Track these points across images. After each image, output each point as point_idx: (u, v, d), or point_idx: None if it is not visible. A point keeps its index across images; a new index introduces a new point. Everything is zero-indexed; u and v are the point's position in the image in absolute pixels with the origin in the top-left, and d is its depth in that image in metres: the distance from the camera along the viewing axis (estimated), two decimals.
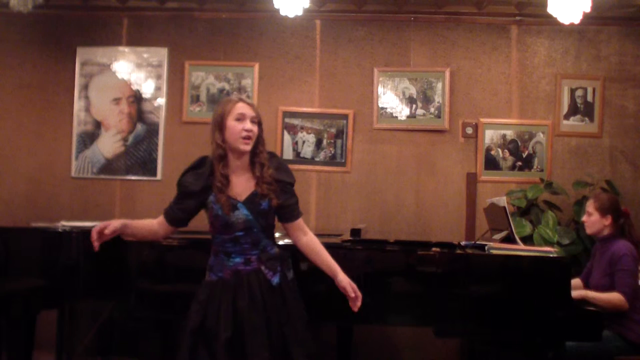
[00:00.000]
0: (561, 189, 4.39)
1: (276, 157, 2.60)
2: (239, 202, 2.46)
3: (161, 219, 2.59)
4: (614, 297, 3.25)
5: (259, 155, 2.51)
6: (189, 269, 2.58)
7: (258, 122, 2.51)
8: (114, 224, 2.45)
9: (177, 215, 2.56)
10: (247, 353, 2.38)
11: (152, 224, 2.60)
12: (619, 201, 3.56)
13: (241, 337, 2.39)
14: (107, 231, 2.44)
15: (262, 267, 2.49)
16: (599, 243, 3.56)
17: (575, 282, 3.59)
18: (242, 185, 2.50)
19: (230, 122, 2.47)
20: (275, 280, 2.49)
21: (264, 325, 2.41)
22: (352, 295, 2.49)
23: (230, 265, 2.48)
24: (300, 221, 2.60)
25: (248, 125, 2.46)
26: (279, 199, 2.49)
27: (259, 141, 2.52)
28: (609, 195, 3.83)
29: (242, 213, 2.45)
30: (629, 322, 3.30)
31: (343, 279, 2.51)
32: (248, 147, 2.47)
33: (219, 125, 2.49)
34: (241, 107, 2.48)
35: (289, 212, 2.56)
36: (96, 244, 2.42)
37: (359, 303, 2.51)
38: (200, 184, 2.50)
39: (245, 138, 2.45)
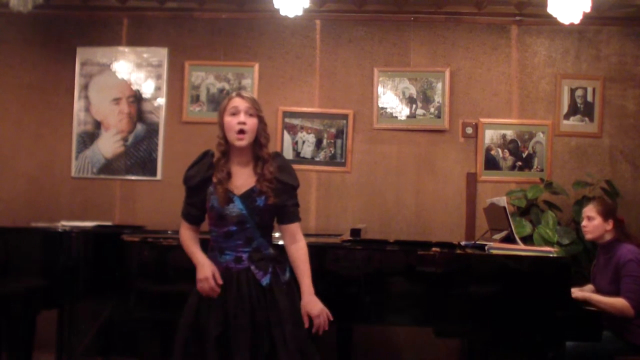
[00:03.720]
0: (561, 189, 4.39)
1: (280, 157, 2.59)
2: (235, 195, 2.46)
3: (184, 224, 2.58)
4: (618, 302, 3.23)
5: (262, 150, 2.51)
6: (189, 269, 2.56)
7: (258, 115, 2.50)
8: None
9: (192, 212, 2.55)
10: (231, 350, 2.38)
11: (193, 236, 2.58)
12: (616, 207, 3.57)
13: (228, 334, 2.39)
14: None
15: (252, 267, 2.46)
16: (601, 249, 3.52)
17: (589, 287, 3.58)
18: (242, 179, 2.49)
19: (227, 118, 2.48)
20: (265, 281, 2.46)
21: (249, 326, 2.40)
22: (309, 324, 2.46)
23: (222, 262, 2.47)
24: (293, 226, 2.55)
25: (242, 117, 2.45)
26: (276, 198, 2.47)
27: (260, 134, 2.51)
28: (607, 200, 3.82)
29: (236, 207, 2.44)
30: (629, 323, 3.29)
31: (307, 304, 2.48)
32: (243, 143, 2.46)
33: (220, 122, 2.51)
34: (235, 101, 2.49)
35: (284, 213, 2.54)
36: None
37: (319, 331, 2.46)
38: (200, 175, 2.50)
39: (239, 132, 2.45)
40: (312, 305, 2.46)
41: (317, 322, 2.45)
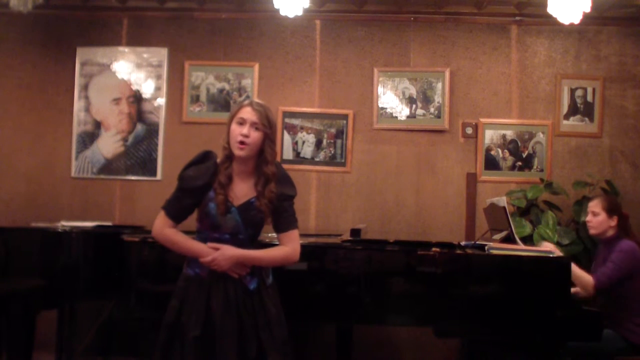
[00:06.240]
0: (561, 189, 4.39)
1: (279, 168, 2.52)
2: (233, 206, 2.43)
3: (164, 218, 2.48)
4: (586, 278, 3.28)
5: (267, 166, 2.44)
6: None
7: (264, 130, 2.43)
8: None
9: (179, 212, 2.48)
10: (216, 354, 2.36)
11: (180, 232, 2.53)
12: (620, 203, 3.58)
13: (212, 338, 2.37)
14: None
15: None
16: (602, 245, 3.54)
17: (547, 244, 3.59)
18: (242, 190, 2.46)
19: (233, 126, 2.44)
20: (252, 285, 2.45)
21: (236, 329, 2.38)
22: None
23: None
24: (286, 234, 2.51)
25: (245, 129, 2.40)
26: (272, 216, 2.47)
27: (266, 150, 2.45)
28: (612, 196, 3.83)
29: (233, 218, 2.43)
30: (630, 323, 3.30)
31: (227, 247, 2.42)
32: (242, 153, 2.41)
33: (227, 127, 2.47)
34: (244, 112, 2.44)
35: (279, 222, 2.50)
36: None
37: (208, 259, 2.39)
38: (204, 179, 2.44)
39: (240, 143, 2.40)
40: (226, 249, 2.40)
41: (213, 258, 2.39)
